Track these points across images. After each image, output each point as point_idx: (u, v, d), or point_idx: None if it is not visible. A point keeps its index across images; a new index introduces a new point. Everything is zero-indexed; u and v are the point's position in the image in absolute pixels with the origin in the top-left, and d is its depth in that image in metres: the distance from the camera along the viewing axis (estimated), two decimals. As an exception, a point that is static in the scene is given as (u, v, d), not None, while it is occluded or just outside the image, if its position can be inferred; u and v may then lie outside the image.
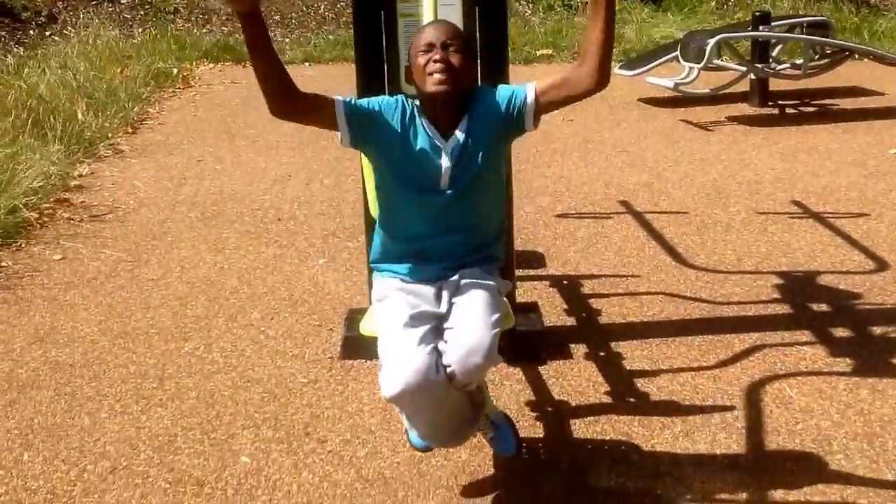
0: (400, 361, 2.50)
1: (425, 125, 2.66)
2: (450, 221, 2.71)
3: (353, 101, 2.70)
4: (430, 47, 2.60)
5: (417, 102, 2.70)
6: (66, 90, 7.36)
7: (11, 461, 3.08)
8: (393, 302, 2.70)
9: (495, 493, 2.81)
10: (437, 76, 2.59)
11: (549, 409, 3.34)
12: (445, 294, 2.70)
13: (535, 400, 3.39)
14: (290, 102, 2.61)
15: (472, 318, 2.58)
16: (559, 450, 3.10)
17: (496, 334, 2.56)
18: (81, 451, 3.12)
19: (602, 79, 2.56)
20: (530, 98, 2.66)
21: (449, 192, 2.68)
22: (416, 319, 2.59)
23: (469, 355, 2.49)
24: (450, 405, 2.64)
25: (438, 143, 2.66)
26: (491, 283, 2.72)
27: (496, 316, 2.61)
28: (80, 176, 6.14)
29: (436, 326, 2.61)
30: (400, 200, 2.74)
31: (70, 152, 6.31)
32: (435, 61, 2.58)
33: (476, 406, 2.79)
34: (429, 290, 2.71)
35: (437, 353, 2.52)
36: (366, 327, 2.94)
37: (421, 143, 2.68)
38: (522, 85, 2.71)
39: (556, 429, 3.22)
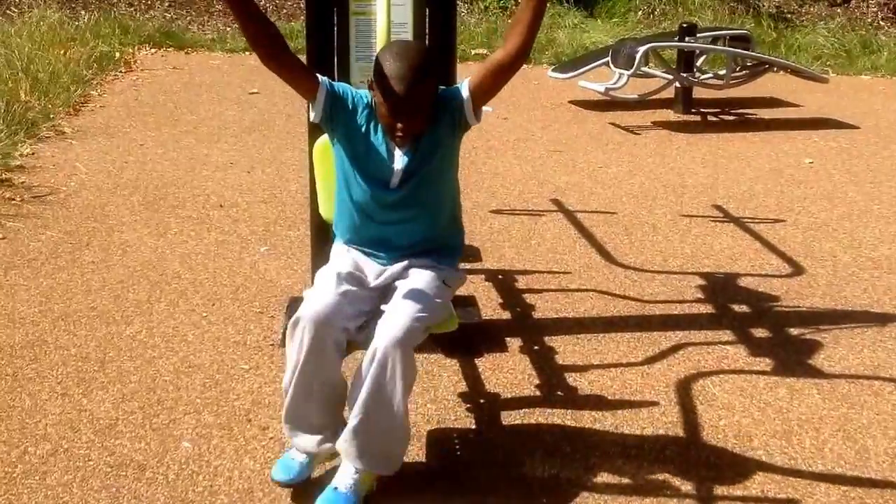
0: (309, 298, 2.68)
1: (382, 129, 2.78)
2: (401, 214, 2.84)
3: (335, 86, 2.80)
4: (394, 107, 2.64)
5: None
6: (10, 70, 7.25)
7: (-48, 441, 3.06)
8: (335, 261, 2.89)
9: (432, 483, 2.86)
10: (399, 138, 2.72)
11: (485, 400, 3.42)
12: (387, 276, 2.85)
13: (471, 391, 3.47)
14: (277, 61, 2.69)
15: (400, 305, 2.71)
16: (494, 440, 3.17)
17: (418, 320, 2.68)
18: (22, 433, 3.11)
19: (525, 54, 2.72)
20: (465, 96, 2.77)
21: (400, 189, 2.80)
22: (345, 278, 2.76)
23: (388, 330, 2.64)
24: (333, 381, 2.75)
25: (391, 149, 2.79)
26: (434, 273, 2.84)
27: (425, 304, 2.73)
28: (22, 156, 6.05)
29: (363, 294, 2.78)
30: (355, 189, 2.85)
31: (12, 132, 6.22)
32: (398, 128, 2.68)
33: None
34: (373, 265, 2.88)
35: (353, 321, 2.71)
36: None
37: (378, 143, 2.79)
38: (457, 85, 2.83)
39: (492, 420, 3.30)
